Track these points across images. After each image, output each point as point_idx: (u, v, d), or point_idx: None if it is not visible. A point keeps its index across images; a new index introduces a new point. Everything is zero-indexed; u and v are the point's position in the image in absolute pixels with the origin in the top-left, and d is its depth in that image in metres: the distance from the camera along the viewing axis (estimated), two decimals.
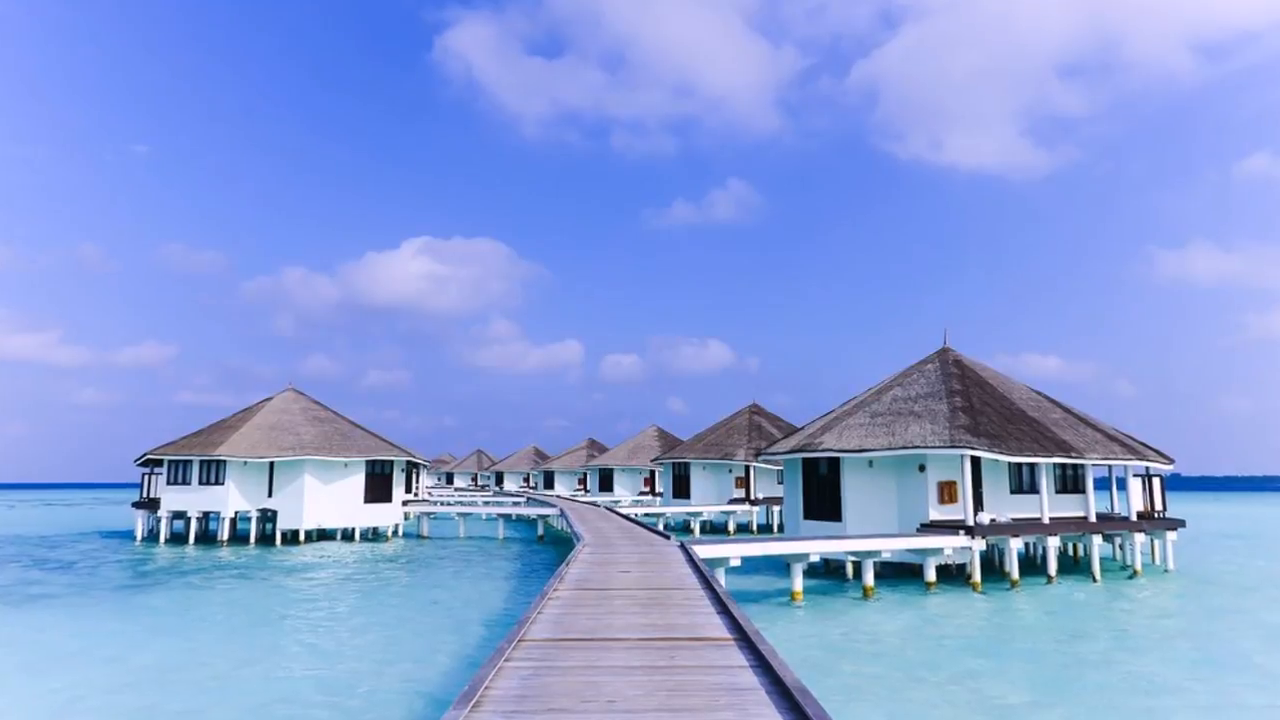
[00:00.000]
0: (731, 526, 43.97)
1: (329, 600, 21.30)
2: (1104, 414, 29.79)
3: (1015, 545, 23.30)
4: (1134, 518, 26.72)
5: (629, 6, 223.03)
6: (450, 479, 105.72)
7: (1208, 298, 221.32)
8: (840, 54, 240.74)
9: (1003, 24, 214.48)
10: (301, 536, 37.58)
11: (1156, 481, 28.48)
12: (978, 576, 22.41)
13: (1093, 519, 25.81)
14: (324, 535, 39.75)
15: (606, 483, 65.63)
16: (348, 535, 39.46)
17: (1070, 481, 26.93)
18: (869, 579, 21.19)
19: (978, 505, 24.21)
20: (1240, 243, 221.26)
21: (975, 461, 24.18)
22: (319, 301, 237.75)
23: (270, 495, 38.38)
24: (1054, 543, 24.18)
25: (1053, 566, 23.96)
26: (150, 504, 40.47)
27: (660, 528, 30.50)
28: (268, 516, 39.00)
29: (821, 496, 25.82)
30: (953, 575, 24.17)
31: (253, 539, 37.82)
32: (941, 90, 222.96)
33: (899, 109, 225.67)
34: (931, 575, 22.27)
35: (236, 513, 38.29)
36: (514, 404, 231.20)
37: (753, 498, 44.89)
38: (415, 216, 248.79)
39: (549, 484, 79.39)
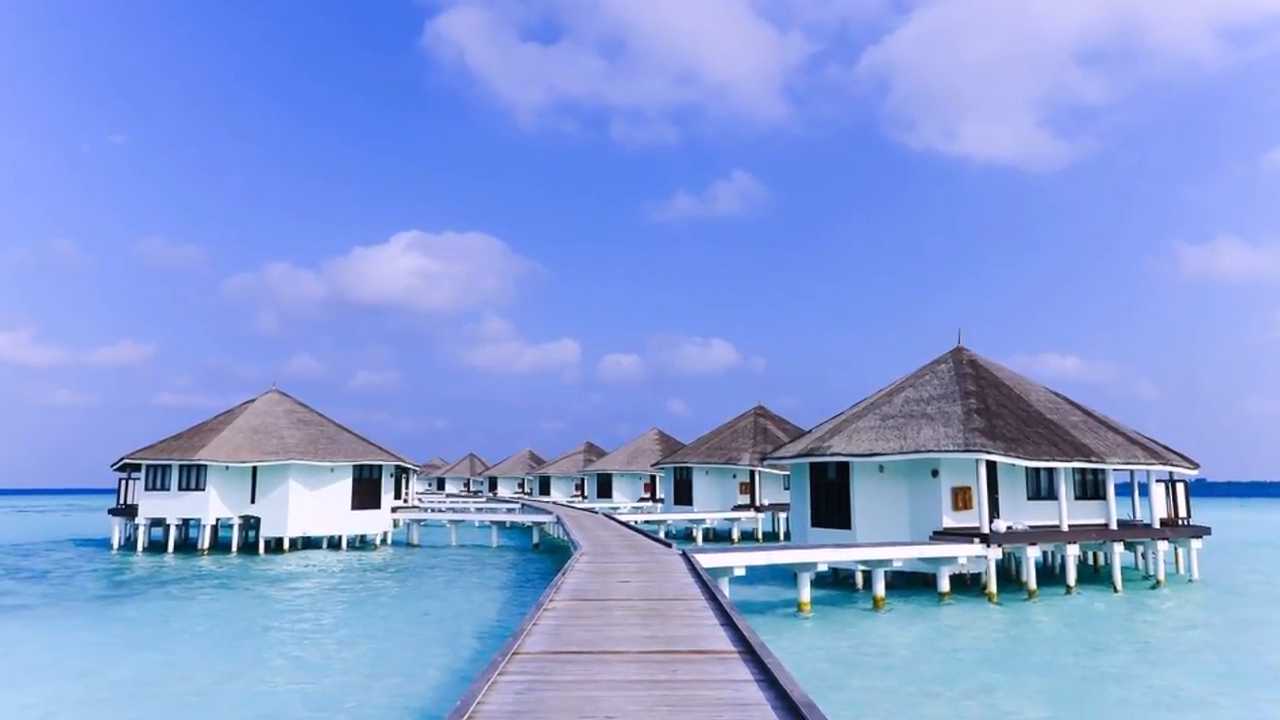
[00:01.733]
0: (735, 534, 43.97)
1: (315, 611, 21.30)
2: (1125, 416, 29.85)
3: (1033, 554, 23.31)
4: (1157, 525, 26.73)
5: None
6: (441, 484, 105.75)
7: (1234, 294, 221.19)
8: (849, 40, 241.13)
9: (1019, 9, 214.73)
10: (286, 544, 37.59)
11: (1180, 487, 28.51)
12: (993, 586, 22.43)
13: (1114, 526, 25.83)
14: (309, 543, 39.73)
15: (605, 488, 65.67)
16: (334, 543, 39.46)
17: (1090, 487, 26.95)
18: (879, 589, 21.20)
19: (993, 512, 24.23)
20: (1268, 237, 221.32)
21: (991, 466, 24.19)
22: (304, 299, 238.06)
23: (253, 501, 38.38)
24: (1073, 551, 24.20)
25: (1072, 576, 23.98)
26: (127, 510, 40.48)
27: (661, 535, 30.54)
28: (250, 524, 39.00)
29: (830, 503, 25.82)
30: (967, 585, 24.18)
31: (235, 547, 37.79)
32: (955, 78, 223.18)
33: (911, 98, 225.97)
34: (945, 585, 22.28)
35: (218, 520, 38.29)
36: (508, 406, 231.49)
37: (758, 504, 44.90)
38: (405, 210, 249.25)
39: (545, 490, 79.41)
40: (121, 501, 41.75)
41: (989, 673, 14.15)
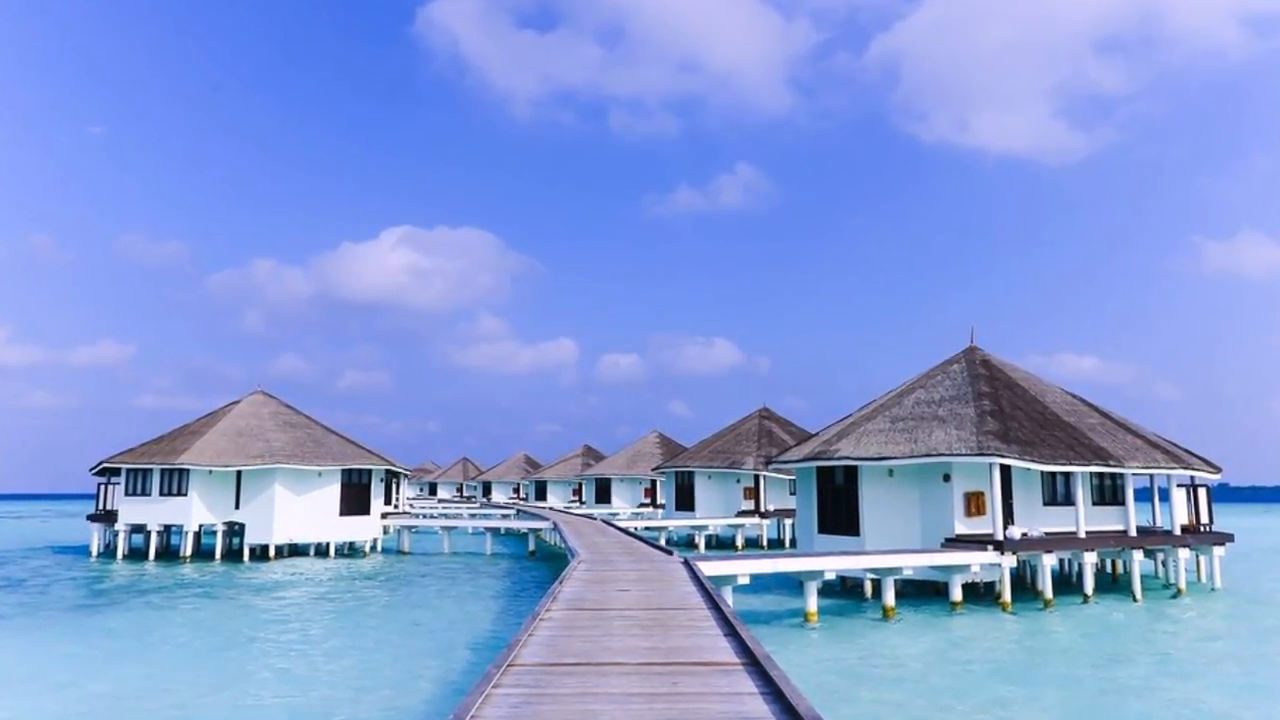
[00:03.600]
0: (739, 541, 44.00)
1: (301, 621, 21.33)
2: (1145, 419, 29.87)
3: (1048, 562, 23.32)
4: (1178, 531, 26.75)
5: None
6: (433, 489, 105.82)
7: (1258, 291, 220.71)
8: (858, 27, 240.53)
9: None
10: (271, 552, 37.59)
11: (1202, 492, 28.53)
12: (1008, 596, 22.44)
13: (1133, 533, 25.84)
14: (296, 550, 39.79)
15: (603, 493, 65.74)
16: (322, 550, 39.50)
17: (1108, 492, 26.96)
18: (889, 598, 21.21)
19: (1008, 518, 24.24)
20: None
21: (1005, 470, 24.20)
22: (290, 296, 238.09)
23: (237, 507, 38.41)
24: (1090, 559, 24.21)
25: (1089, 584, 24.00)
26: (107, 516, 40.50)
27: (662, 542, 30.55)
28: (235, 530, 39.03)
29: (837, 509, 25.83)
30: (980, 594, 24.20)
31: (218, 554, 37.84)
32: (969, 67, 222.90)
33: (922, 87, 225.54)
34: (957, 594, 22.29)
35: (201, 526, 38.32)
36: (503, 408, 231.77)
37: (763, 510, 44.95)
38: (395, 204, 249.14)
39: (541, 495, 79.44)
40: (101, 507, 41.76)
41: (1003, 685, 14.16)
